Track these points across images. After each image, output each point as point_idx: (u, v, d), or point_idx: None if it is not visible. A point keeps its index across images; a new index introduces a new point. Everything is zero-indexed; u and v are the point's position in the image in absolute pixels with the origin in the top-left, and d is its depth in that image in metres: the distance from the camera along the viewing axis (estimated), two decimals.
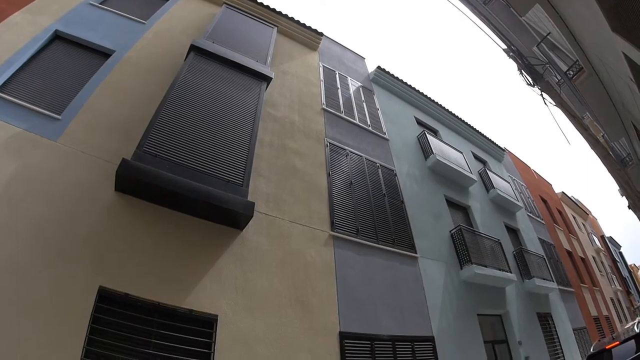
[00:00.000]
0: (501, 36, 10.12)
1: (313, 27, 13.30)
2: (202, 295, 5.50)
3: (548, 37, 9.79)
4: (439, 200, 12.45)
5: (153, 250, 5.45)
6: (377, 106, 13.55)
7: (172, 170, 5.65)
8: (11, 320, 4.00)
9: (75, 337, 4.21)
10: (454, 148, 15.16)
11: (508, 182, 18.28)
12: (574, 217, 29.62)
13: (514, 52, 9.85)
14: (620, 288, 30.97)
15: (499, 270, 11.36)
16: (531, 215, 19.13)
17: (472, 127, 19.11)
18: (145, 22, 8.89)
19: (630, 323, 11.81)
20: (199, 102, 6.96)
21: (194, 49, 7.94)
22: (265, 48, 10.00)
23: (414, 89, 16.34)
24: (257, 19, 11.21)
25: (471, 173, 14.58)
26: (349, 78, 13.66)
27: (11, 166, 5.13)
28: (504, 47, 10.07)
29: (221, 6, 10.96)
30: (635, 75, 6.17)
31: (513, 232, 16.13)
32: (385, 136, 12.36)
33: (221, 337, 5.30)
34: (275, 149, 8.52)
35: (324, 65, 13.05)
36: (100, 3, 8.68)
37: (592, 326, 18.27)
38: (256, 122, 7.48)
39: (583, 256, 24.69)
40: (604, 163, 9.21)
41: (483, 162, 18.73)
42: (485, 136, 20.00)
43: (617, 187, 21.24)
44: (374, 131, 12.10)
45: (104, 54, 7.68)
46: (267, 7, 12.31)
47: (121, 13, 8.70)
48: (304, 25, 13.11)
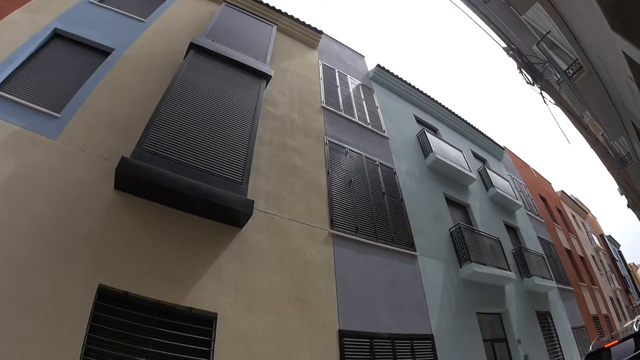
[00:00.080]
0: (501, 35, 10.13)
1: (313, 26, 13.29)
2: (202, 293, 5.50)
3: (548, 36, 9.80)
4: (439, 198, 12.46)
5: (153, 248, 5.45)
6: (377, 104, 13.54)
7: (172, 168, 5.65)
8: (11, 318, 4.00)
9: (74, 336, 4.21)
10: (454, 146, 15.15)
11: (507, 181, 18.27)
12: (574, 216, 29.65)
13: (514, 51, 9.85)
14: (619, 287, 31.03)
15: (498, 268, 11.37)
16: (530, 213, 19.14)
17: (472, 126, 19.10)
18: (144, 20, 8.89)
19: (629, 322, 11.82)
20: (199, 100, 6.95)
21: (194, 47, 7.93)
22: (264, 46, 9.99)
23: (414, 87, 16.33)
24: (257, 17, 11.19)
25: (470, 171, 14.57)
26: (349, 76, 13.65)
27: (10, 164, 5.13)
28: (504, 46, 10.07)
29: (221, 4, 10.95)
30: (634, 74, 6.17)
31: (512, 231, 16.13)
32: (384, 134, 12.35)
33: (221, 335, 5.31)
34: (274, 147, 8.52)
35: (324, 63, 13.04)
36: (99, 1, 8.68)
37: (591, 325, 18.30)
38: (256, 120, 7.48)
39: (582, 255, 24.72)
40: (604, 162, 9.20)
41: (482, 161, 18.73)
42: (484, 135, 19.98)
43: (617, 186, 21.29)
44: (374, 129, 12.10)
45: (104, 52, 7.68)
46: (267, 5, 12.29)
47: (120, 11, 8.69)
48: (304, 23, 13.09)
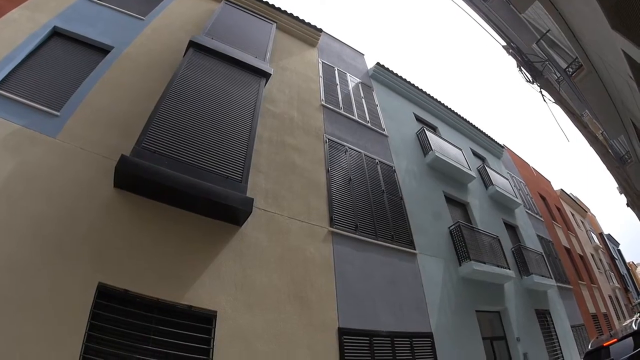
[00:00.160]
0: (501, 33, 10.13)
1: (312, 24, 13.27)
2: (201, 291, 5.51)
3: (547, 34, 9.79)
4: (438, 196, 12.46)
5: (152, 246, 5.45)
6: (376, 102, 13.53)
7: (171, 166, 5.65)
8: (11, 317, 4.01)
9: (75, 334, 4.21)
10: (453, 145, 15.15)
11: (507, 179, 18.26)
12: (573, 215, 29.67)
13: (514, 49, 9.85)
14: (618, 285, 31.06)
15: (498, 267, 11.38)
16: (530, 212, 19.15)
17: (471, 124, 19.10)
18: (144, 19, 8.87)
19: (628, 320, 11.88)
20: (198, 98, 6.95)
21: (193, 45, 7.92)
22: (264, 44, 9.97)
23: (413, 86, 16.32)
24: (256, 15, 11.17)
25: (470, 170, 14.55)
26: (348, 74, 13.63)
27: (10, 163, 5.13)
28: (504, 44, 10.08)
29: (220, 2, 10.93)
30: (634, 73, 6.17)
31: (512, 229, 16.15)
32: (384, 132, 12.35)
33: (220, 333, 5.32)
34: (274, 145, 8.52)
35: (323, 61, 13.03)
36: None
37: (590, 323, 18.33)
38: (255, 118, 7.47)
39: (581, 253, 24.74)
40: (603, 160, 9.23)
41: (482, 159, 18.74)
42: (484, 133, 19.98)
43: (616, 185, 21.29)
44: (373, 127, 12.09)
45: (103, 50, 7.66)
46: (266, 4, 12.27)
47: (120, 9, 8.67)
48: (303, 21, 13.07)
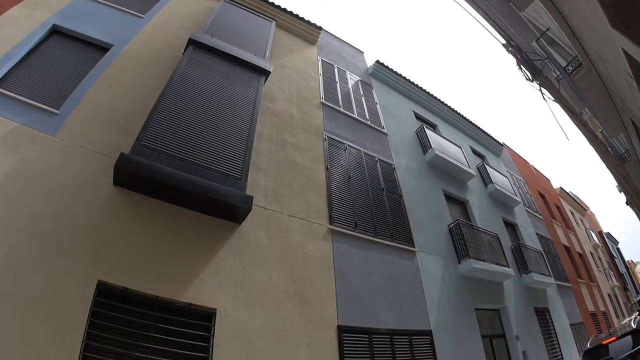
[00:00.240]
0: (500, 31, 10.12)
1: (312, 22, 13.24)
2: (201, 289, 5.51)
3: (547, 33, 9.78)
4: (438, 194, 12.47)
5: (152, 244, 5.46)
6: (376, 100, 13.53)
7: (171, 164, 5.65)
8: (10, 315, 4.01)
9: (74, 332, 4.22)
10: (453, 143, 15.16)
11: (506, 177, 18.28)
12: (572, 213, 29.69)
13: (513, 47, 9.84)
14: (617, 284, 31.09)
15: (497, 264, 11.40)
16: (529, 210, 19.16)
17: (471, 122, 19.10)
18: (143, 16, 8.84)
19: (627, 319, 11.89)
20: (198, 96, 6.94)
21: (193, 43, 7.90)
22: (263, 42, 9.96)
23: (413, 84, 16.30)
24: (256, 13, 11.14)
25: (469, 168, 14.57)
26: (348, 72, 13.62)
27: (9, 161, 5.12)
28: (504, 42, 10.07)
29: (219, 0, 10.90)
30: (634, 71, 6.17)
31: (511, 227, 16.17)
32: (383, 130, 12.35)
33: (220, 331, 5.32)
34: (273, 143, 8.52)
35: (323, 59, 13.01)
36: None
37: (589, 321, 18.36)
38: (255, 116, 7.47)
39: (581, 252, 24.76)
40: (603, 159, 9.23)
41: (481, 157, 18.75)
42: (483, 131, 19.97)
43: (616, 183, 21.31)
44: (373, 125, 12.09)
45: (102, 48, 7.64)
46: (266, 1, 12.24)
47: (119, 7, 8.63)
48: (303, 19, 13.04)
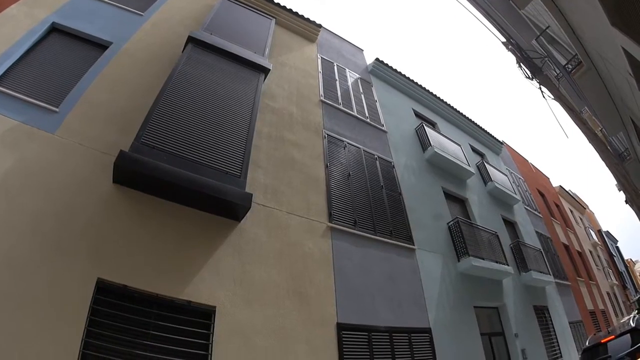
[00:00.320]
0: (500, 29, 10.11)
1: (311, 19, 13.23)
2: (200, 286, 5.52)
3: (547, 31, 9.78)
4: (437, 192, 12.47)
5: (151, 241, 5.46)
6: (375, 98, 13.52)
7: (170, 161, 5.65)
8: (10, 314, 4.02)
9: (74, 330, 4.23)
10: (452, 141, 15.15)
11: (506, 175, 18.29)
12: (571, 211, 29.71)
13: (513, 45, 9.84)
14: (616, 282, 31.12)
15: (496, 262, 11.40)
16: (528, 208, 19.18)
17: (471, 120, 19.09)
18: (142, 14, 8.82)
19: (626, 317, 11.92)
20: (197, 94, 6.94)
21: (192, 41, 7.90)
22: (263, 40, 9.95)
23: (413, 82, 16.28)
24: (255, 11, 11.13)
25: (469, 166, 14.57)
26: (347, 70, 13.61)
27: (8, 159, 5.12)
28: (503, 40, 10.07)
29: None
30: (634, 70, 6.17)
31: (510, 225, 16.17)
32: (383, 128, 12.34)
33: (219, 329, 5.33)
34: (273, 141, 8.51)
35: (322, 57, 12.99)
36: None
37: (588, 320, 18.40)
38: (254, 114, 7.47)
39: (580, 250, 24.79)
40: (602, 157, 9.23)
41: (481, 155, 18.74)
42: (483, 129, 19.97)
43: (615, 182, 21.33)
44: (372, 123, 12.08)
45: (102, 46, 7.62)
46: None
47: (118, 5, 8.61)
48: (303, 17, 13.02)
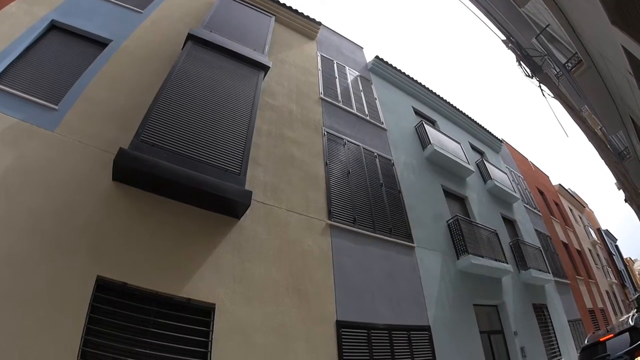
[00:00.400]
0: (500, 27, 10.10)
1: (311, 17, 13.20)
2: (200, 284, 5.52)
3: (547, 29, 9.77)
4: (436, 190, 12.47)
5: (151, 239, 5.46)
6: (375, 96, 13.51)
7: (170, 159, 5.64)
8: (10, 312, 4.02)
9: (74, 327, 4.23)
10: (452, 139, 15.15)
11: (505, 174, 18.30)
12: (571, 210, 29.72)
13: (513, 44, 9.83)
14: (615, 281, 31.13)
15: (496, 260, 11.41)
16: (528, 206, 19.18)
17: (470, 118, 19.09)
18: (142, 11, 8.80)
19: (624, 316, 11.94)
20: (197, 91, 6.93)
21: (192, 38, 7.88)
22: (263, 37, 9.93)
23: (412, 79, 16.26)
24: (255, 8, 11.11)
25: (468, 164, 14.58)
26: (347, 68, 13.59)
27: (8, 157, 5.11)
28: (503, 38, 10.05)
29: None
30: (634, 69, 6.17)
31: (510, 223, 16.19)
32: (383, 126, 12.34)
33: (219, 326, 5.34)
34: (273, 138, 8.51)
35: (322, 54, 12.98)
36: None
37: (587, 318, 18.42)
38: (254, 111, 7.46)
39: (579, 248, 24.82)
40: (602, 156, 9.22)
41: (480, 153, 18.73)
42: (483, 127, 19.97)
43: (614, 180, 21.33)
44: (372, 121, 12.08)
45: (101, 44, 7.61)
46: None
47: (118, 2, 8.59)
48: (302, 14, 13.00)
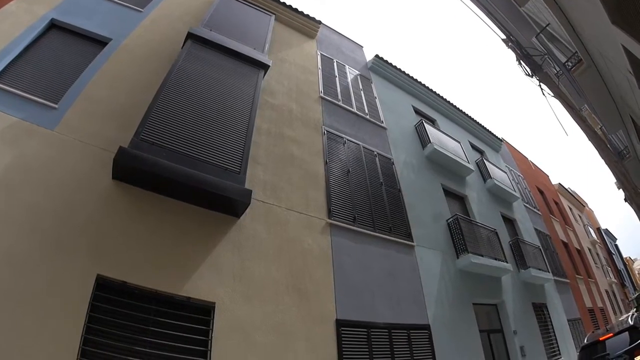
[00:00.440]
0: (500, 26, 10.09)
1: (311, 16, 13.19)
2: (200, 282, 5.53)
3: (547, 28, 9.76)
4: (436, 189, 12.47)
5: (151, 238, 5.47)
6: (375, 95, 13.50)
7: (170, 158, 5.64)
8: (10, 311, 4.02)
9: (74, 326, 4.24)
10: (452, 137, 15.14)
11: (505, 173, 18.30)
12: (571, 209, 29.72)
13: (513, 43, 9.83)
14: (615, 280, 31.15)
15: (495, 259, 11.42)
16: (528, 205, 19.18)
17: (470, 117, 19.08)
18: (142, 10, 8.79)
19: (624, 315, 11.95)
20: (197, 90, 6.93)
21: (191, 37, 7.87)
22: (262, 36, 9.92)
23: (412, 78, 16.26)
24: (255, 7, 11.09)
25: (468, 163, 14.58)
26: (347, 66, 13.58)
27: (8, 156, 5.11)
28: (503, 37, 10.05)
29: None
30: (634, 68, 6.18)
31: (509, 222, 16.19)
32: (382, 125, 12.33)
33: (218, 325, 5.35)
34: (272, 137, 8.51)
35: (322, 53, 12.97)
36: None
37: (587, 317, 18.43)
38: (254, 110, 7.45)
39: (579, 247, 24.82)
40: (601, 155, 9.20)
41: (480, 152, 18.73)
42: (482, 126, 19.96)
43: (614, 180, 21.31)
44: (372, 120, 12.07)
45: (101, 42, 7.60)
46: None
47: (117, 1, 8.58)
48: (302, 13, 12.99)
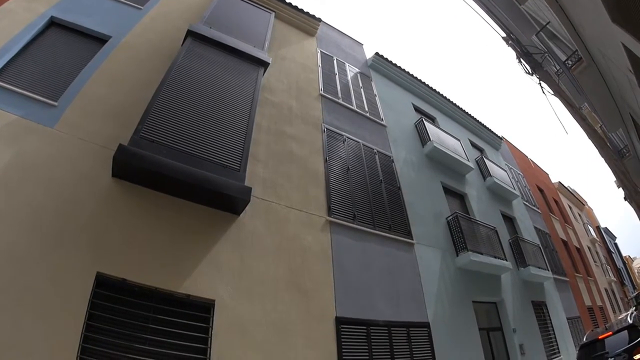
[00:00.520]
0: (500, 24, 10.09)
1: (311, 13, 13.17)
2: (200, 280, 5.54)
3: (547, 27, 9.75)
4: (436, 187, 12.47)
5: (150, 235, 5.47)
6: (375, 92, 13.50)
7: (169, 155, 5.64)
8: (10, 309, 4.03)
9: (73, 324, 4.25)
10: (452, 135, 15.14)
11: (505, 171, 18.30)
12: (570, 207, 29.74)
13: (513, 41, 9.81)
14: (614, 279, 31.20)
15: (495, 257, 11.42)
16: (527, 204, 19.20)
17: (470, 115, 19.07)
18: (141, 8, 8.77)
19: (623, 314, 11.95)
20: (196, 88, 6.92)
21: (191, 34, 7.87)
22: (262, 33, 9.91)
23: (412, 76, 16.25)
24: (255, 4, 11.07)
25: (468, 161, 14.58)
26: (347, 64, 13.57)
27: (7, 154, 5.10)
28: (504, 35, 10.04)
29: None
30: (634, 67, 6.17)
31: (509, 220, 16.20)
32: (382, 122, 12.33)
33: (218, 322, 5.35)
34: (272, 135, 8.51)
35: (322, 51, 12.96)
36: None
37: (586, 316, 18.47)
38: (253, 108, 7.45)
39: (578, 246, 24.85)
40: (601, 154, 9.20)
41: (480, 150, 18.74)
42: (482, 124, 19.96)
43: (614, 179, 21.32)
44: (372, 117, 12.07)
45: (101, 40, 7.58)
46: None
47: None
48: (302, 10, 12.97)
